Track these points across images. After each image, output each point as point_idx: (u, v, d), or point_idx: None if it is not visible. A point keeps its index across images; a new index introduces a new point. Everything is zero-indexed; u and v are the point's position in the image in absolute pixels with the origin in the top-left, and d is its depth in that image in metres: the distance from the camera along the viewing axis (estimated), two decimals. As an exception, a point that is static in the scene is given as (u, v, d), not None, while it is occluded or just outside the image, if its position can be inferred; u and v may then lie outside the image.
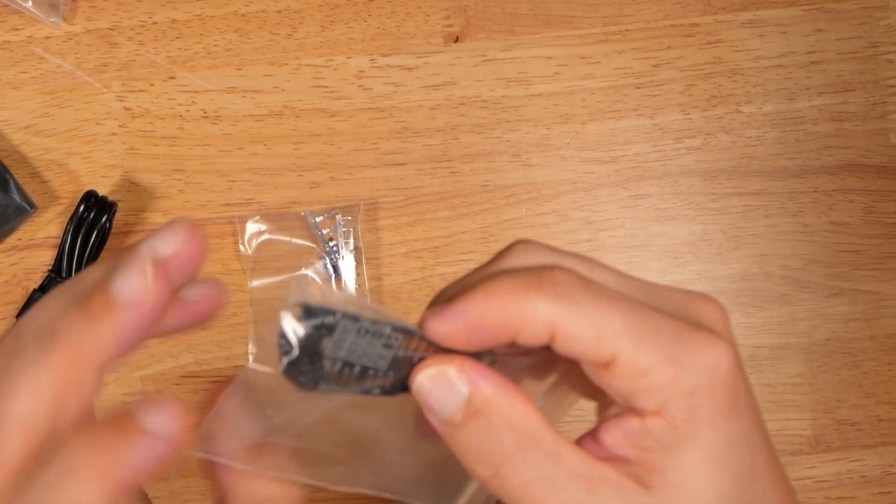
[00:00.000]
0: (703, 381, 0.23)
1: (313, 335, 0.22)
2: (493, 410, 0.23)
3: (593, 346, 0.23)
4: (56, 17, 0.51)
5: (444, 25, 0.51)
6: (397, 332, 0.23)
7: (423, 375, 0.24)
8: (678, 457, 0.24)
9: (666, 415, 0.23)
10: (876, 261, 0.51)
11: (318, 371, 0.23)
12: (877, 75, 0.51)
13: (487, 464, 0.23)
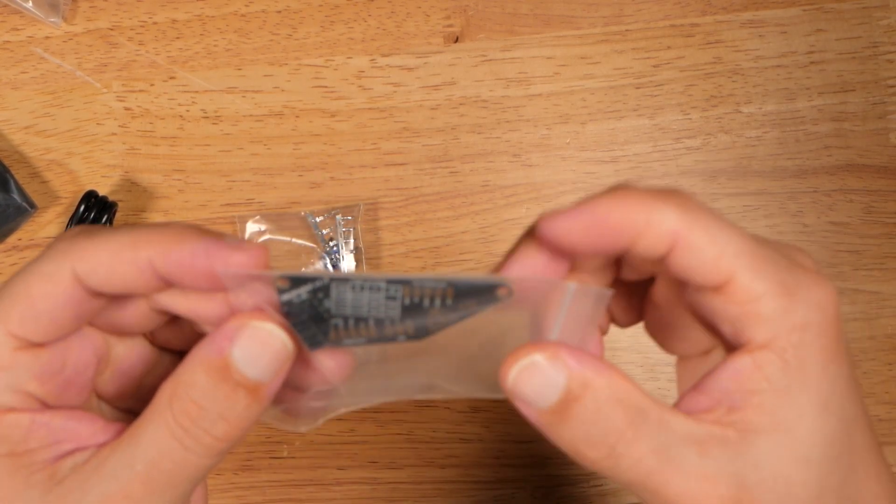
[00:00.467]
0: (814, 318, 0.23)
1: (311, 299, 0.23)
2: (597, 390, 0.23)
3: (712, 264, 0.23)
4: (56, 17, 0.51)
5: (444, 25, 0.51)
6: (394, 284, 0.24)
7: (515, 369, 0.23)
8: (788, 398, 0.23)
9: (776, 348, 0.23)
10: (876, 261, 0.51)
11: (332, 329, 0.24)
12: (876, 75, 0.51)
13: (600, 445, 0.23)
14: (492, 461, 0.50)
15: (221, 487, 0.50)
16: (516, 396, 0.23)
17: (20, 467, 0.23)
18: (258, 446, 0.50)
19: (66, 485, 0.23)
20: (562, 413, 0.23)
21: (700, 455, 0.23)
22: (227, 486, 0.50)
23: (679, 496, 0.23)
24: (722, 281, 0.23)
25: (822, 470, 0.24)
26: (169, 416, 0.23)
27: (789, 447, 0.23)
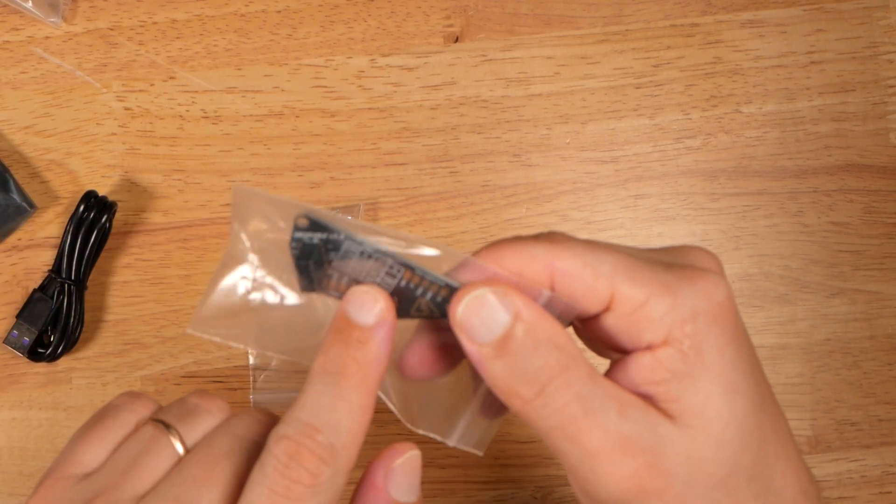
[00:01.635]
0: (702, 306, 0.24)
1: (321, 245, 0.25)
2: (538, 331, 0.24)
3: (591, 285, 0.24)
4: (56, 17, 0.51)
5: (444, 25, 0.51)
6: (400, 265, 0.25)
7: (465, 300, 0.24)
8: (691, 383, 0.24)
9: (673, 342, 0.24)
10: (876, 261, 0.51)
11: (326, 277, 0.25)
12: (877, 75, 0.51)
13: (533, 382, 0.24)
14: (492, 461, 0.50)
15: (221, 487, 0.50)
16: (462, 327, 0.24)
17: None
18: (258, 446, 0.50)
19: None
20: (502, 348, 0.24)
21: (620, 415, 0.24)
22: (227, 487, 0.50)
23: (596, 451, 0.24)
24: (605, 299, 0.24)
25: (734, 449, 0.24)
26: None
27: (700, 429, 0.24)
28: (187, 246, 0.50)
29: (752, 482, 0.25)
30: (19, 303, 0.49)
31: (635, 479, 0.24)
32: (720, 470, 0.24)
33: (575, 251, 0.25)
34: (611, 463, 0.24)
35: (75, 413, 0.49)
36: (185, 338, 0.50)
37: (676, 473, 0.24)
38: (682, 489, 0.24)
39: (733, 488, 0.25)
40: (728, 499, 0.25)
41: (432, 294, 0.25)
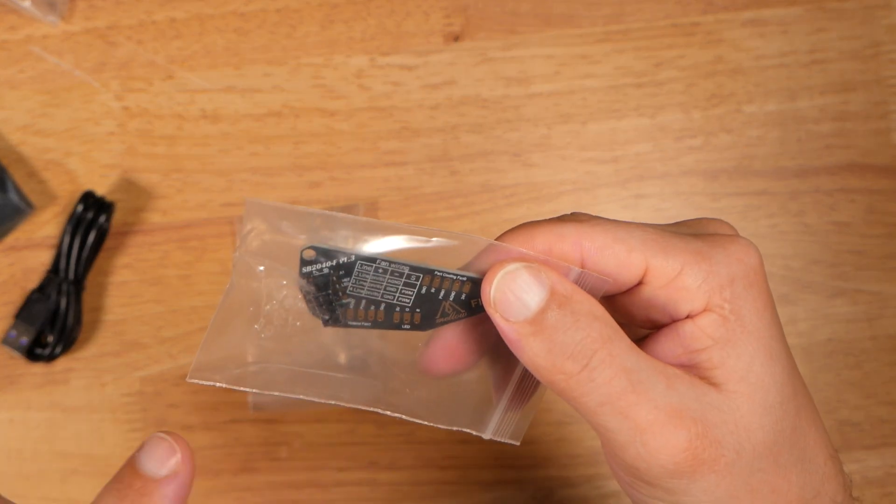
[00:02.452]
0: (738, 271, 0.24)
1: (331, 274, 0.24)
2: (575, 303, 0.23)
3: (625, 259, 0.24)
4: (54, 16, 0.51)
5: (443, 25, 0.51)
6: (417, 272, 0.24)
7: (498, 276, 0.24)
8: (734, 349, 0.24)
9: (714, 308, 0.24)
10: (878, 261, 0.50)
11: (342, 308, 0.24)
12: (878, 75, 0.51)
13: (577, 356, 0.23)
14: (492, 462, 0.50)
15: (220, 489, 0.50)
16: (497, 306, 0.23)
17: None
18: (257, 448, 0.50)
19: None
20: (540, 323, 0.23)
21: (668, 387, 0.23)
22: (226, 488, 0.50)
23: (648, 424, 0.23)
24: (640, 272, 0.24)
25: (775, 415, 0.25)
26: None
27: (746, 395, 0.24)
28: (186, 246, 0.50)
29: (792, 448, 0.25)
30: (17, 303, 0.49)
31: (690, 450, 0.23)
32: (766, 436, 0.24)
33: (604, 227, 0.24)
34: (663, 436, 0.23)
35: (73, 414, 0.49)
36: (183, 338, 0.50)
37: (727, 442, 0.24)
38: (732, 458, 0.24)
39: (776, 455, 0.25)
40: (772, 466, 0.25)
41: (455, 293, 0.24)
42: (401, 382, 0.26)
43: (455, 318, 0.25)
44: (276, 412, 0.50)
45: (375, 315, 0.25)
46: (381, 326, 0.25)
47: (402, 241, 0.24)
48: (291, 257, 0.24)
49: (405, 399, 0.26)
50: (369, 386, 0.26)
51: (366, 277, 0.24)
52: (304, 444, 0.50)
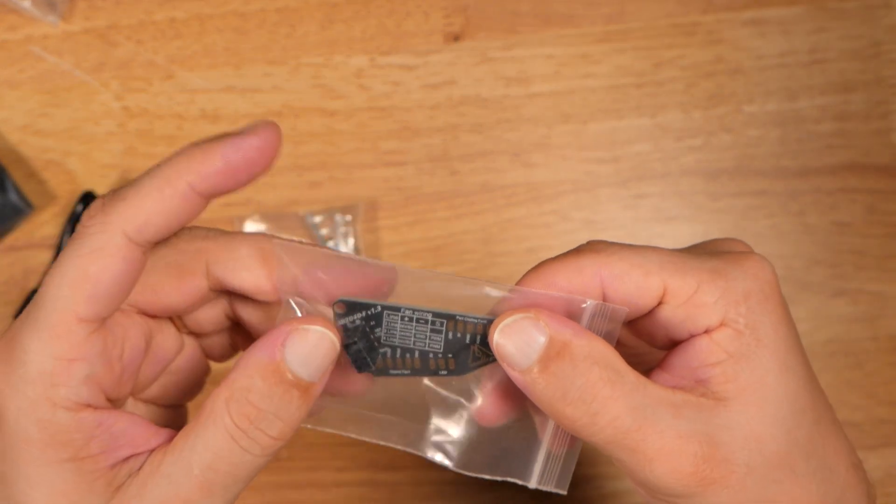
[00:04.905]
0: (753, 286, 0.25)
1: (364, 325, 0.25)
2: (575, 349, 0.24)
3: (643, 282, 0.25)
4: (54, 15, 0.51)
5: (443, 24, 0.51)
6: (440, 318, 0.25)
7: (500, 326, 0.24)
8: (748, 362, 0.25)
9: (729, 322, 0.25)
10: (878, 261, 0.50)
11: (379, 357, 0.26)
12: (879, 74, 0.51)
13: (578, 402, 0.24)
14: (492, 462, 0.50)
15: (220, 489, 0.50)
16: (502, 356, 0.25)
17: (84, 474, 0.24)
18: (257, 447, 0.50)
19: (125, 491, 0.24)
20: (542, 371, 0.24)
21: (674, 416, 0.24)
22: (226, 488, 0.50)
23: (656, 453, 0.24)
24: (658, 294, 0.25)
25: (789, 425, 0.25)
26: (227, 419, 0.24)
27: (757, 406, 0.25)
28: (186, 246, 0.50)
29: (809, 458, 0.25)
30: (17, 303, 0.49)
31: (696, 473, 0.24)
32: (779, 447, 0.25)
33: (621, 255, 0.25)
34: (669, 464, 0.24)
35: (73, 414, 0.49)
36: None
37: (737, 459, 0.24)
38: (744, 473, 0.24)
39: (792, 466, 0.25)
40: (789, 476, 0.25)
41: (480, 336, 0.25)
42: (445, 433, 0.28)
43: (486, 362, 0.26)
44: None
45: (412, 362, 0.26)
46: (420, 373, 0.26)
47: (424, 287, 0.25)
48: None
49: (449, 448, 0.27)
50: (415, 430, 0.27)
51: (395, 326, 0.25)
52: (303, 445, 0.50)
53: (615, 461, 0.25)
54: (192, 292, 0.27)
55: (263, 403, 0.24)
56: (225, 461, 0.24)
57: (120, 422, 0.25)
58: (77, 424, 0.24)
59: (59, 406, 0.24)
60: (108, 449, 0.24)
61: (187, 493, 0.24)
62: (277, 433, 0.24)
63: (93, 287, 0.24)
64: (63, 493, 0.24)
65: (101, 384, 0.25)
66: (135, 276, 0.25)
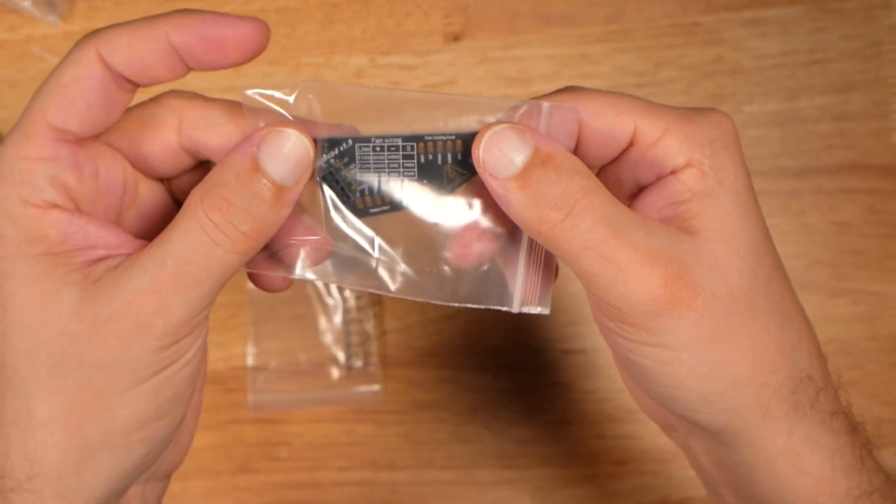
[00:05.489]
0: (717, 133, 0.26)
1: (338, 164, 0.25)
2: (558, 160, 0.25)
3: (616, 121, 0.26)
4: (54, 16, 0.51)
5: (443, 24, 0.51)
6: (409, 142, 0.26)
7: (486, 136, 0.25)
8: (712, 200, 0.26)
9: (694, 163, 0.26)
10: (878, 261, 0.50)
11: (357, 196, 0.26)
12: (879, 74, 0.51)
13: (561, 206, 0.25)
14: (492, 462, 0.50)
15: (220, 489, 0.50)
16: (486, 165, 0.25)
17: (58, 266, 0.25)
18: (257, 448, 0.50)
19: (101, 283, 0.25)
20: (526, 178, 0.25)
21: (646, 234, 0.25)
22: (226, 488, 0.50)
23: (630, 263, 0.25)
24: (629, 134, 0.26)
25: (750, 263, 0.26)
26: (200, 212, 0.24)
27: (721, 241, 0.26)
28: (186, 246, 0.50)
29: (768, 299, 0.27)
30: (17, 303, 0.49)
31: (667, 287, 0.25)
32: (742, 281, 0.26)
33: (596, 94, 0.26)
34: (642, 275, 0.25)
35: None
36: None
37: (704, 284, 0.25)
38: (709, 298, 0.25)
39: (752, 302, 0.26)
40: (749, 312, 0.26)
41: (451, 155, 0.26)
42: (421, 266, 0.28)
43: (461, 181, 0.26)
44: (276, 412, 0.50)
45: (391, 195, 0.26)
46: (398, 206, 0.26)
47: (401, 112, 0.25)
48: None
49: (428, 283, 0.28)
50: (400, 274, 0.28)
51: (368, 159, 0.25)
52: (303, 445, 0.50)
53: (584, 277, 0.26)
54: (164, 144, 0.27)
55: (235, 198, 0.24)
56: (196, 253, 0.24)
57: (92, 224, 0.25)
58: (49, 221, 0.25)
59: (28, 203, 0.25)
60: (82, 246, 0.25)
61: (160, 284, 0.24)
62: (248, 229, 0.25)
63: (63, 95, 0.25)
64: (36, 282, 0.24)
65: (70, 192, 0.25)
66: (105, 96, 0.26)
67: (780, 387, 0.27)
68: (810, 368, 0.28)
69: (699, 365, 0.26)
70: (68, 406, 0.25)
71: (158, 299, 0.24)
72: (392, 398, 0.50)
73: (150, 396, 0.25)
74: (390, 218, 0.27)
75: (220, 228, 0.24)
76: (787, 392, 0.27)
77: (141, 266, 0.25)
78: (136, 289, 0.24)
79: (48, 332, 0.25)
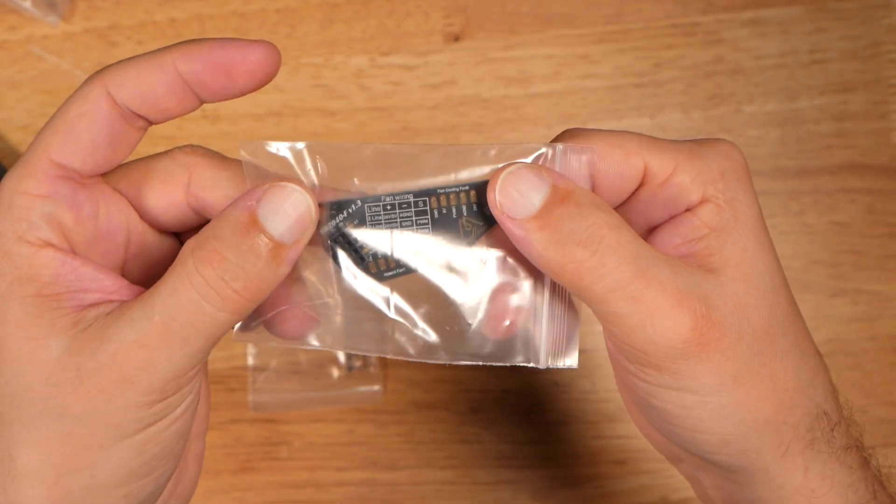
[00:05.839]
0: (727, 165, 0.26)
1: (344, 226, 0.24)
2: (579, 195, 0.24)
3: (623, 161, 0.25)
4: (54, 16, 0.51)
5: (443, 24, 0.51)
6: (421, 197, 0.24)
7: (502, 176, 0.24)
8: (729, 235, 0.25)
9: (709, 198, 0.25)
10: (878, 261, 0.50)
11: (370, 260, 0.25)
12: (878, 74, 0.51)
13: (587, 243, 0.24)
14: (492, 462, 0.50)
15: (220, 489, 0.50)
16: (503, 207, 0.24)
17: (47, 310, 0.24)
18: (257, 448, 0.50)
19: (90, 332, 0.24)
20: (545, 217, 0.24)
21: (673, 273, 0.24)
22: (226, 488, 0.50)
23: (658, 304, 0.24)
24: (639, 173, 0.25)
25: (770, 300, 0.26)
26: (190, 265, 0.23)
27: (742, 278, 0.25)
28: (186, 246, 0.50)
29: (786, 335, 0.26)
30: (17, 303, 0.49)
31: (696, 329, 0.24)
32: (763, 319, 0.25)
33: (602, 136, 0.25)
34: (671, 317, 0.24)
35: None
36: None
37: (729, 323, 0.24)
38: (735, 339, 0.25)
39: (772, 339, 0.26)
40: (770, 350, 0.25)
41: (466, 207, 0.25)
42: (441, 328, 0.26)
43: (479, 233, 0.25)
44: (276, 412, 0.50)
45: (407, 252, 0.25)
46: (415, 267, 0.25)
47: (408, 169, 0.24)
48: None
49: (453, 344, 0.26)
50: (420, 337, 0.26)
51: (379, 219, 0.24)
52: (304, 444, 0.50)
53: (609, 320, 0.25)
54: (170, 199, 0.27)
55: (229, 252, 0.23)
56: (183, 309, 0.23)
57: (86, 266, 0.24)
58: (42, 260, 0.24)
59: (22, 240, 0.24)
60: (75, 289, 0.24)
61: (146, 339, 0.23)
62: (241, 286, 0.23)
63: (68, 131, 0.24)
64: (25, 326, 0.24)
65: (66, 231, 0.25)
66: (111, 133, 0.25)
67: (798, 425, 0.26)
68: (825, 404, 0.27)
69: (722, 408, 0.25)
70: (49, 457, 0.24)
71: (144, 354, 0.23)
72: (392, 398, 0.50)
73: (134, 453, 0.24)
74: (406, 278, 0.26)
75: (209, 284, 0.23)
76: (804, 430, 0.26)
77: (129, 317, 0.23)
78: (122, 341, 0.23)
79: (33, 379, 0.24)
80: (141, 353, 0.23)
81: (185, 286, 0.23)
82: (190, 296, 0.23)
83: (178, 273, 0.23)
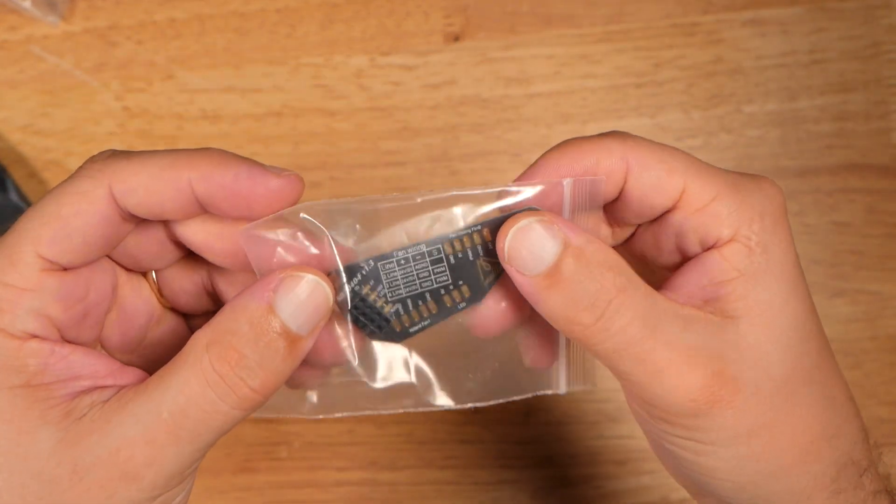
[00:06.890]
0: (768, 207, 0.25)
1: (364, 289, 0.24)
2: (589, 255, 0.23)
3: (665, 178, 0.24)
4: (54, 16, 0.51)
5: (443, 24, 0.51)
6: (434, 245, 0.24)
7: (513, 230, 0.24)
8: (757, 281, 0.24)
9: (741, 238, 0.24)
10: (878, 261, 0.50)
11: (393, 318, 0.24)
12: (879, 74, 0.51)
13: (592, 307, 0.23)
14: (492, 462, 0.50)
15: (220, 489, 0.50)
16: (512, 261, 0.24)
17: (36, 401, 0.23)
18: (257, 448, 0.50)
19: (86, 423, 0.23)
20: (554, 276, 0.23)
21: (684, 329, 0.24)
22: (226, 488, 0.50)
23: (666, 364, 0.23)
24: (676, 195, 0.24)
25: (796, 351, 0.25)
26: (206, 362, 0.22)
27: (765, 329, 0.24)
28: (186, 246, 0.50)
29: (813, 386, 0.25)
30: (17, 303, 0.49)
31: (706, 389, 0.23)
32: (785, 372, 0.24)
33: (649, 146, 0.25)
34: (679, 376, 0.23)
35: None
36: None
37: (745, 379, 0.24)
38: (750, 394, 0.24)
39: (794, 392, 0.25)
40: (790, 402, 0.25)
41: (482, 247, 0.24)
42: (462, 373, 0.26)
43: (498, 273, 0.25)
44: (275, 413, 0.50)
45: (428, 309, 0.24)
46: (440, 317, 0.25)
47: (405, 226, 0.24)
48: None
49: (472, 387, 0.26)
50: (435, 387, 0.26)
51: (395, 276, 0.24)
52: (304, 444, 0.50)
53: (620, 377, 0.24)
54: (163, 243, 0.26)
55: (247, 349, 0.22)
56: (197, 407, 0.22)
57: (76, 353, 0.24)
58: (28, 352, 0.23)
59: (6, 333, 0.23)
60: (65, 377, 0.23)
61: (153, 436, 0.22)
62: (258, 385, 0.23)
63: (61, 228, 0.23)
64: (13, 418, 0.23)
65: (54, 321, 0.24)
66: (107, 235, 0.24)
67: (821, 475, 0.25)
68: (853, 452, 0.27)
69: (737, 459, 0.25)
70: None
71: (150, 451, 0.22)
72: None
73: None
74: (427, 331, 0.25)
75: (226, 382, 0.22)
76: (828, 479, 0.26)
77: (131, 411, 0.23)
78: (126, 436, 0.22)
79: (23, 474, 0.22)
80: (147, 450, 0.22)
81: (199, 383, 0.22)
82: (204, 394, 0.22)
83: (192, 368, 0.23)
